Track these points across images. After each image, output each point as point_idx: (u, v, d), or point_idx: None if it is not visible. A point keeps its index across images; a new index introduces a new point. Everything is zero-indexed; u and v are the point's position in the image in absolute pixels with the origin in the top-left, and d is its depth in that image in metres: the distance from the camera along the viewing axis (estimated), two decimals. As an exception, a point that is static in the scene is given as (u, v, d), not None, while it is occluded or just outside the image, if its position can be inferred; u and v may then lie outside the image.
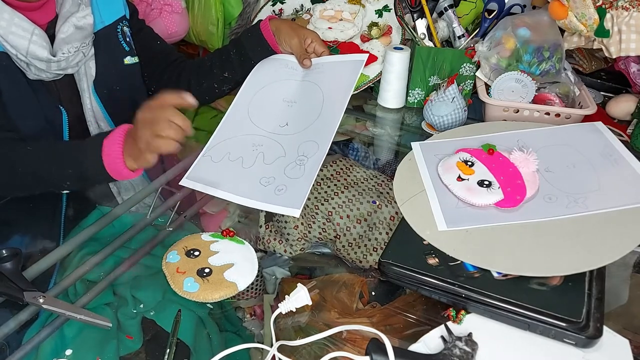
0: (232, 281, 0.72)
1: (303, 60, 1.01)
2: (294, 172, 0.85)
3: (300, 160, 0.86)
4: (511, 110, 1.04)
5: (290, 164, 0.87)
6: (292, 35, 1.02)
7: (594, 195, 0.77)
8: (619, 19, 0.99)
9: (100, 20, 1.01)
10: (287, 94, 1.01)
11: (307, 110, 0.95)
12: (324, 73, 1.00)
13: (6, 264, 0.72)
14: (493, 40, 1.07)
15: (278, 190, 0.84)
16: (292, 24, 1.04)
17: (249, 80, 1.05)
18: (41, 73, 0.93)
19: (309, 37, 1.02)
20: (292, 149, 0.89)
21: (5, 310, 0.72)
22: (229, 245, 0.78)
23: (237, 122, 0.99)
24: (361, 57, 0.98)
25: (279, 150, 0.90)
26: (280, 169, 0.87)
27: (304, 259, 0.85)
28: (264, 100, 1.01)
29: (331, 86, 0.96)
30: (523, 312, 0.63)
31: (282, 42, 1.04)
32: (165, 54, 1.14)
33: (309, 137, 0.90)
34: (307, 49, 1.03)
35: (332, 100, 0.93)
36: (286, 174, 0.85)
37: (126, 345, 0.69)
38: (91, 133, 1.05)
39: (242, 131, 0.97)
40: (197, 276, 0.72)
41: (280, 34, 1.03)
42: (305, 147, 0.89)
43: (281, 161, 0.88)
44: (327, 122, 0.89)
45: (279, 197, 0.83)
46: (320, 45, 1.03)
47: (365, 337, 0.65)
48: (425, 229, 0.76)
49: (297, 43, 1.02)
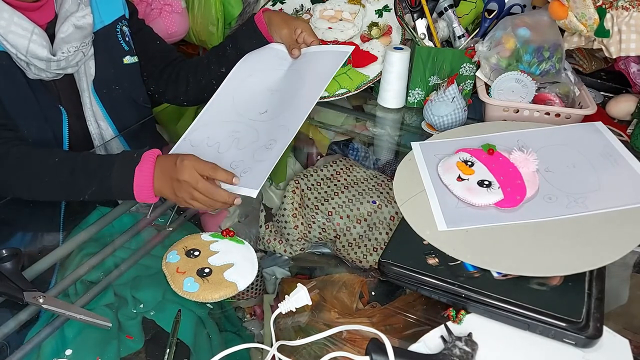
0: (232, 281, 0.72)
1: (292, 49, 1.02)
2: (260, 155, 0.86)
3: (270, 144, 0.86)
4: (511, 110, 1.04)
5: (260, 148, 0.87)
6: (282, 26, 1.03)
7: (594, 195, 0.77)
8: (619, 19, 0.99)
9: (99, 20, 1.02)
10: (273, 83, 1.01)
11: (286, 98, 0.96)
12: (308, 62, 1.01)
13: (6, 264, 0.72)
14: (493, 40, 1.07)
15: (243, 173, 0.84)
16: (283, 15, 1.05)
17: (238, 67, 1.06)
18: (41, 73, 0.93)
19: (299, 28, 1.03)
20: (265, 134, 0.90)
21: (5, 310, 0.72)
22: (228, 245, 0.78)
23: (221, 108, 1.00)
24: (346, 48, 0.99)
25: (254, 136, 0.90)
26: (250, 153, 0.88)
27: (304, 259, 0.85)
28: (250, 88, 1.02)
29: (311, 74, 0.97)
30: (523, 312, 0.63)
31: (274, 32, 1.05)
32: (165, 53, 1.14)
33: (280, 122, 0.90)
34: (297, 40, 1.04)
35: (308, 87, 0.93)
36: (254, 157, 0.86)
37: (126, 345, 0.69)
38: (91, 133, 1.05)
39: (223, 117, 0.97)
40: (197, 276, 0.72)
41: (271, 24, 1.04)
42: (276, 131, 0.89)
43: (254, 146, 0.89)
44: (299, 108, 0.89)
45: (242, 179, 0.83)
46: (310, 35, 1.03)
47: (365, 337, 0.65)
48: (425, 229, 0.76)
49: (287, 33, 1.03)
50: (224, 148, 0.92)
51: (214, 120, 0.97)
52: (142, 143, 1.14)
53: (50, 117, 0.97)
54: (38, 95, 0.95)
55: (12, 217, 0.88)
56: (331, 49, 1.01)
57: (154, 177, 0.80)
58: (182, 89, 1.12)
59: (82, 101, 1.02)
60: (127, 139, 1.09)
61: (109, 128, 1.06)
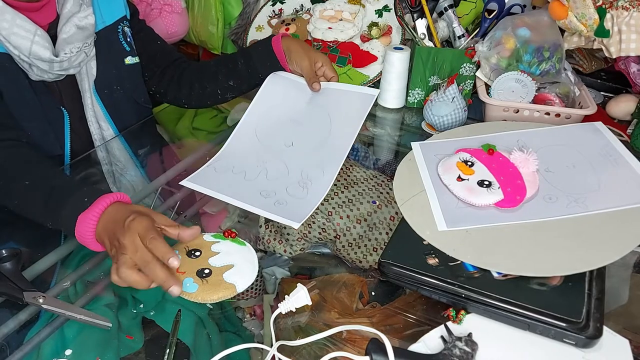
0: (231, 282, 0.72)
1: (312, 83, 1.00)
2: (296, 192, 0.85)
3: (304, 183, 0.86)
4: (511, 110, 1.05)
5: (293, 184, 0.87)
6: (303, 57, 1.01)
7: (594, 195, 0.77)
8: (619, 19, 0.99)
9: (101, 21, 1.02)
10: (295, 115, 1.00)
11: (313, 133, 0.95)
12: (334, 100, 0.99)
13: (6, 264, 0.72)
14: (493, 40, 1.07)
15: (278, 203, 0.84)
16: (303, 45, 1.03)
17: (258, 97, 1.05)
18: (43, 74, 0.93)
19: (319, 61, 1.02)
20: (295, 169, 0.89)
21: (5, 310, 0.72)
22: (230, 247, 0.77)
23: (244, 139, 0.99)
24: (373, 91, 0.98)
25: (283, 168, 0.90)
26: (282, 186, 0.87)
27: (304, 259, 0.85)
28: (272, 118, 1.01)
29: (340, 115, 0.96)
30: (523, 312, 0.63)
31: (293, 62, 1.03)
32: (166, 54, 1.14)
33: (314, 162, 0.89)
34: (317, 72, 1.02)
35: (340, 130, 0.92)
36: (288, 192, 0.85)
37: (126, 345, 0.69)
38: (92, 133, 1.05)
39: (247, 147, 0.97)
40: (197, 277, 0.72)
41: (291, 54, 1.02)
42: (310, 171, 0.89)
43: (284, 179, 0.88)
44: (334, 152, 0.88)
45: (279, 208, 0.83)
46: (330, 69, 1.02)
47: (365, 337, 0.65)
48: (425, 229, 0.76)
49: (308, 65, 1.01)
50: (251, 176, 0.92)
51: (239, 150, 0.97)
52: (142, 143, 1.14)
53: (52, 118, 0.97)
54: (40, 96, 0.95)
55: (12, 217, 0.88)
56: (357, 90, 0.99)
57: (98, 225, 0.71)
58: (184, 92, 1.12)
59: (84, 102, 1.02)
60: (127, 139, 1.09)
61: (110, 128, 1.06)
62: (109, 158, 1.06)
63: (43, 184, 0.78)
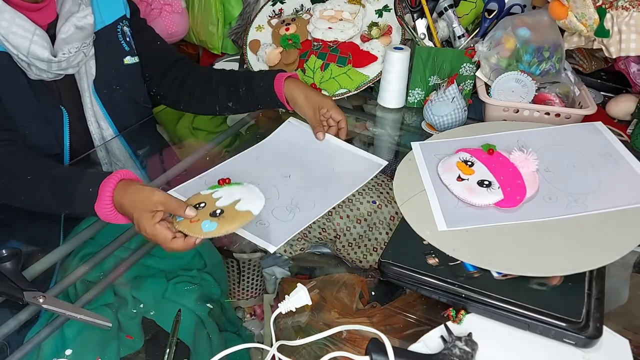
0: (245, 210, 0.73)
1: (317, 132, 1.02)
2: (281, 215, 0.85)
3: (292, 208, 0.86)
4: (511, 110, 1.05)
5: (280, 207, 0.87)
6: (307, 107, 1.02)
7: (594, 195, 0.77)
8: (619, 19, 0.99)
9: (100, 20, 1.01)
10: (300, 153, 1.01)
11: (314, 175, 0.96)
12: (343, 156, 1.01)
13: (6, 264, 0.72)
14: (493, 40, 1.07)
15: (260, 224, 0.83)
16: (306, 92, 1.03)
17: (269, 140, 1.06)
18: (42, 73, 0.93)
19: (324, 106, 1.02)
20: (286, 196, 0.90)
21: (5, 310, 0.72)
22: (229, 189, 0.79)
23: (244, 163, 1.00)
24: (381, 161, 0.98)
25: (273, 193, 0.90)
26: (268, 208, 0.87)
27: (304, 259, 0.85)
28: (275, 153, 1.03)
29: (343, 169, 0.97)
30: (523, 312, 0.63)
31: (297, 109, 1.04)
32: (166, 54, 1.14)
33: (307, 195, 0.90)
34: (324, 116, 1.03)
35: (340, 181, 0.93)
36: (273, 214, 0.85)
37: (126, 345, 0.69)
38: (91, 133, 1.05)
39: (244, 169, 0.98)
40: (212, 217, 0.72)
41: (295, 103, 1.03)
42: (300, 199, 0.89)
43: (273, 201, 0.88)
44: (328, 195, 0.89)
45: (259, 229, 0.82)
46: (336, 113, 1.02)
47: (365, 337, 0.65)
48: (425, 229, 0.76)
49: (312, 115, 1.02)
50: None
51: (234, 170, 0.97)
52: (142, 143, 1.14)
53: (51, 117, 0.97)
54: (39, 95, 0.95)
55: (12, 217, 0.88)
56: (367, 156, 1.00)
57: (114, 195, 0.75)
58: (184, 97, 1.12)
59: (83, 101, 1.02)
60: (127, 139, 1.09)
61: (109, 128, 1.06)
62: (109, 158, 1.06)
63: (44, 176, 0.80)
